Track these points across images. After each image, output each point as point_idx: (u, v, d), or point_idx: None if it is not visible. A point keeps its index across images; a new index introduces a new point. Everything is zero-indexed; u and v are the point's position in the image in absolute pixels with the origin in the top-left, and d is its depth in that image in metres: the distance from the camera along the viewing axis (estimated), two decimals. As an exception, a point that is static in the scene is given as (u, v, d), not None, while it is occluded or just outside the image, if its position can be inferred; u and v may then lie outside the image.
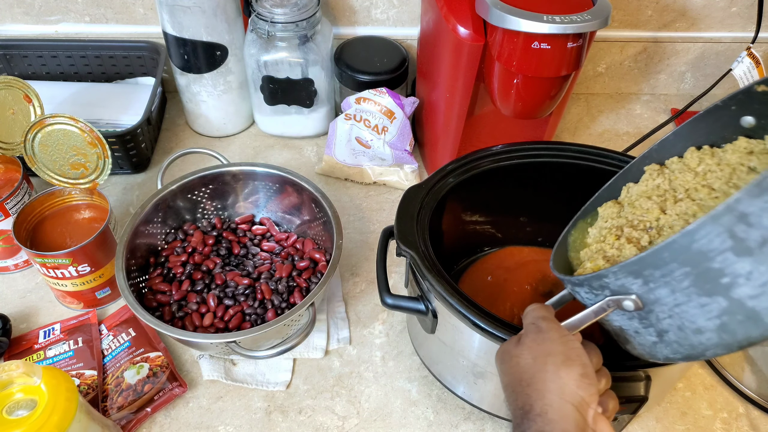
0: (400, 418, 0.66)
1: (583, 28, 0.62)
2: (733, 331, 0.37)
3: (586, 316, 0.44)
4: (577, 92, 1.08)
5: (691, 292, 0.37)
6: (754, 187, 0.34)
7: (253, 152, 0.95)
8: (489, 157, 0.66)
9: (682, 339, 0.40)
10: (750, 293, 0.36)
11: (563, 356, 0.43)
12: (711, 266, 0.36)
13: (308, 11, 0.83)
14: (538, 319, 0.46)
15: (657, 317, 0.40)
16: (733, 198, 0.34)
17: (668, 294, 0.38)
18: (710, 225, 0.35)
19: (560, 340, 0.44)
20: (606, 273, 0.40)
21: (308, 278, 0.71)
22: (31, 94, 0.74)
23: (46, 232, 0.72)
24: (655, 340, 0.42)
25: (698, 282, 0.37)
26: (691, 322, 0.38)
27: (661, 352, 0.42)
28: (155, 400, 0.64)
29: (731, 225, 0.34)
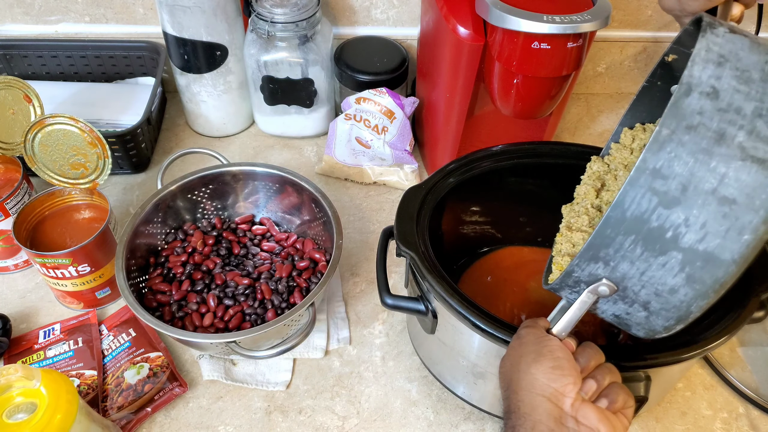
0: (400, 418, 0.66)
1: (583, 28, 0.62)
2: (701, 279, 0.38)
3: (572, 314, 0.45)
4: (577, 92, 1.08)
5: (648, 257, 0.39)
6: (653, 144, 0.36)
7: (253, 152, 0.95)
8: (489, 157, 0.66)
9: (664, 303, 0.41)
10: (696, 238, 0.37)
11: (534, 354, 0.44)
12: (651, 226, 0.38)
13: (308, 11, 0.83)
14: (520, 329, 0.48)
15: (633, 291, 0.41)
16: (639, 159, 0.37)
17: (629, 266, 0.40)
18: (632, 190, 0.37)
19: (534, 341, 0.45)
20: (571, 268, 0.42)
21: (308, 278, 0.71)
22: (31, 94, 0.74)
23: (46, 232, 0.72)
24: (645, 314, 0.43)
25: (648, 245, 0.38)
26: (662, 285, 0.40)
27: (657, 323, 0.43)
28: (155, 400, 0.64)
29: (650, 183, 0.37)
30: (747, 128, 0.36)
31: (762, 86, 0.37)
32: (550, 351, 0.44)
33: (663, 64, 0.52)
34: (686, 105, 0.37)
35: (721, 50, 0.38)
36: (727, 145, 0.36)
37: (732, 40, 0.39)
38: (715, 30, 0.40)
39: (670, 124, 0.36)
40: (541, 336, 0.46)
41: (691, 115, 0.36)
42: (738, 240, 0.37)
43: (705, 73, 0.37)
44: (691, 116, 0.36)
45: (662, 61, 0.52)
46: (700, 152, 0.36)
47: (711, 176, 0.36)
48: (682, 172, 0.36)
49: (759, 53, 0.39)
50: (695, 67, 0.37)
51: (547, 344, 0.44)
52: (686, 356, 0.49)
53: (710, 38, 0.39)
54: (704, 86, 0.37)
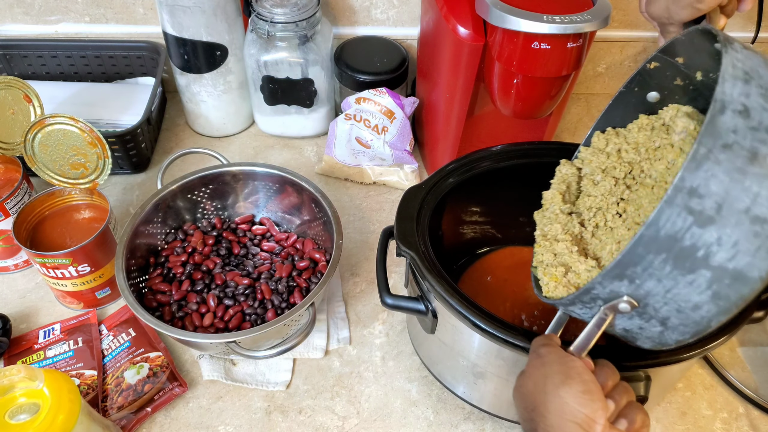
0: (400, 418, 0.66)
1: (583, 28, 0.62)
2: (726, 296, 0.38)
3: (590, 332, 0.44)
4: (577, 92, 1.08)
5: (676, 275, 0.38)
6: (691, 162, 0.36)
7: (253, 152, 0.95)
8: (489, 157, 0.66)
9: (684, 319, 0.40)
10: (726, 256, 0.37)
11: (562, 375, 0.43)
12: (683, 245, 0.37)
13: (308, 11, 0.83)
14: (538, 347, 0.46)
15: (654, 308, 0.41)
16: (677, 178, 0.36)
17: (656, 284, 0.39)
18: (668, 209, 0.36)
19: (558, 361, 0.44)
20: (592, 285, 0.41)
21: (308, 278, 0.71)
22: (31, 94, 0.74)
23: (46, 232, 0.72)
24: (660, 329, 0.42)
25: (678, 263, 0.38)
26: (686, 302, 0.39)
27: (670, 337, 0.43)
28: (155, 400, 0.64)
29: (685, 202, 0.36)
30: None
31: None
32: (579, 374, 0.42)
33: (643, 71, 0.52)
34: (722, 123, 0.36)
35: (744, 66, 0.38)
36: (760, 164, 0.36)
37: (749, 56, 0.39)
38: (734, 45, 0.39)
39: (707, 143, 0.36)
40: (564, 356, 0.44)
41: (726, 134, 0.36)
42: (767, 258, 0.37)
43: (735, 90, 0.37)
44: (726, 135, 0.36)
45: (643, 68, 0.51)
46: (735, 171, 0.36)
47: (745, 195, 0.36)
48: (718, 191, 0.36)
49: None
50: (726, 84, 0.37)
51: (574, 366, 0.43)
52: (686, 356, 0.49)
53: (733, 54, 0.38)
54: (736, 104, 0.36)
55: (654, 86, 0.52)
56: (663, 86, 0.51)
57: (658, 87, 0.52)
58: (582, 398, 0.41)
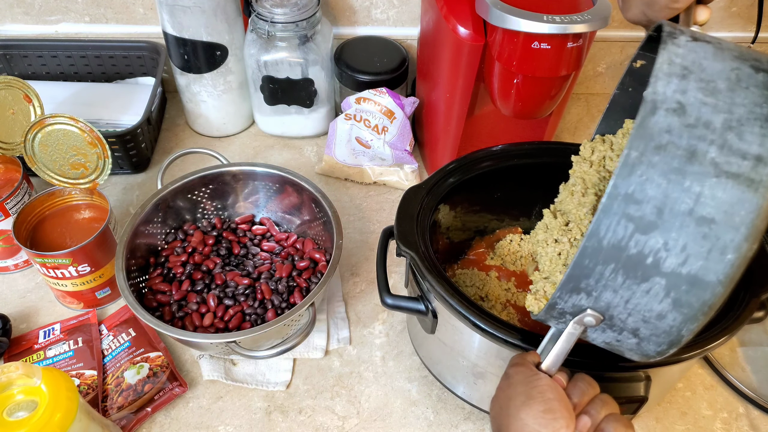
0: (400, 418, 0.66)
1: (583, 28, 0.62)
2: (688, 303, 0.37)
3: (560, 348, 0.43)
4: (577, 92, 1.08)
5: (630, 284, 0.37)
6: (623, 168, 0.35)
7: (253, 152, 0.95)
8: (489, 157, 0.66)
9: (654, 330, 0.39)
10: (677, 261, 0.35)
11: (524, 396, 0.42)
12: (630, 253, 0.36)
13: (308, 11, 0.83)
14: (508, 368, 0.46)
15: (620, 320, 0.40)
16: (610, 185, 0.35)
17: (613, 295, 0.38)
18: (606, 218, 0.35)
19: (523, 381, 0.43)
20: (553, 300, 0.40)
21: (308, 278, 0.71)
22: (31, 94, 0.74)
23: (46, 232, 0.72)
24: (635, 341, 0.41)
25: (629, 273, 0.37)
26: (649, 312, 0.38)
27: (649, 348, 0.42)
28: (155, 400, 0.64)
29: (623, 209, 0.35)
30: (718, 143, 0.34)
31: (729, 96, 0.35)
32: (540, 392, 0.42)
33: (631, 71, 0.51)
34: (653, 124, 0.35)
35: (684, 61, 0.36)
36: (699, 162, 0.34)
37: (694, 49, 0.37)
38: (676, 40, 0.38)
39: (638, 146, 0.35)
40: (530, 375, 0.43)
41: (659, 135, 0.35)
42: (722, 260, 0.35)
43: (669, 88, 0.35)
44: (659, 135, 0.35)
45: (630, 68, 0.50)
46: (672, 172, 0.34)
47: (686, 196, 0.34)
48: (656, 194, 0.35)
49: (723, 60, 0.37)
50: (659, 83, 0.35)
51: (537, 384, 0.42)
52: (686, 356, 0.49)
53: (671, 49, 0.37)
54: (670, 102, 0.35)
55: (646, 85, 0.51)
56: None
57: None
58: (542, 418, 0.40)
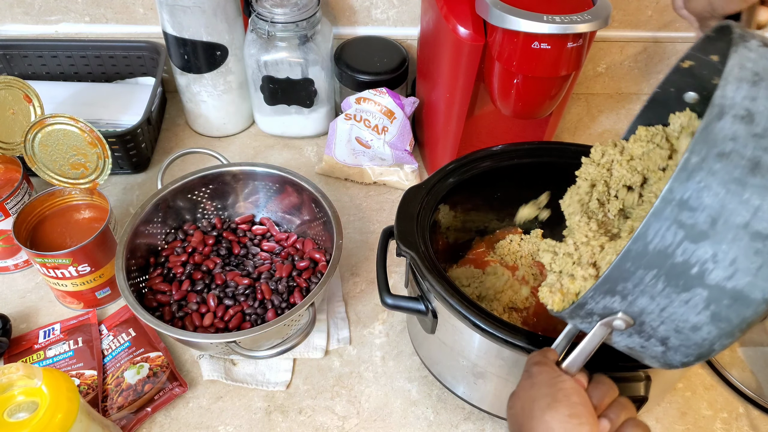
0: (400, 418, 0.66)
1: (583, 28, 0.62)
2: (727, 318, 0.36)
3: (584, 348, 0.43)
4: (577, 92, 1.08)
5: (670, 293, 0.36)
6: (681, 172, 0.33)
7: (253, 152, 0.95)
8: (489, 157, 0.66)
9: (684, 341, 0.38)
10: (724, 275, 0.34)
11: (549, 398, 0.41)
12: (675, 261, 0.35)
13: (308, 11, 0.83)
14: (530, 365, 0.45)
15: (651, 327, 0.39)
16: (665, 189, 0.33)
17: (649, 302, 0.37)
18: (656, 222, 0.34)
19: (548, 382, 0.42)
20: (584, 299, 0.39)
21: (308, 278, 0.71)
22: (31, 94, 0.74)
23: (46, 232, 0.72)
24: (662, 349, 0.40)
25: (671, 281, 0.36)
26: (684, 322, 0.37)
27: (674, 359, 0.41)
28: (155, 400, 0.64)
29: (676, 215, 0.34)
30: None
31: None
32: (566, 396, 0.41)
33: (678, 70, 0.49)
34: (718, 130, 0.33)
35: (756, 67, 0.35)
36: (762, 174, 0.33)
37: (765, 54, 0.36)
38: (748, 43, 0.36)
39: (699, 151, 0.33)
40: (554, 376, 0.42)
41: (723, 141, 0.33)
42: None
43: (739, 93, 0.34)
44: (723, 142, 0.33)
45: (677, 67, 0.49)
46: (732, 182, 0.33)
47: (743, 209, 0.33)
48: (712, 203, 0.33)
49: None
50: (728, 87, 0.34)
51: (562, 387, 0.41)
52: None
53: (743, 53, 0.35)
54: (738, 108, 0.34)
55: (691, 86, 0.49)
56: (701, 86, 0.49)
57: (696, 87, 0.49)
58: (568, 423, 0.40)
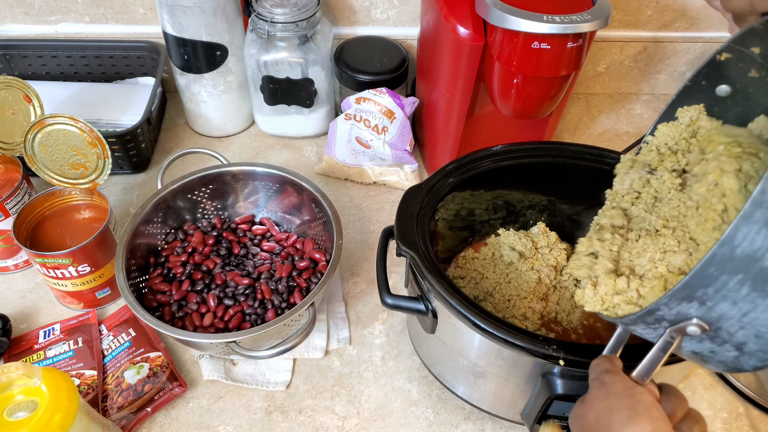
0: (400, 418, 0.66)
1: (583, 28, 0.62)
2: None
3: (655, 356, 0.41)
4: (577, 92, 1.08)
5: (754, 297, 0.35)
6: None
7: (253, 152, 0.95)
8: (489, 157, 0.66)
9: (765, 345, 0.37)
10: None
11: (629, 411, 0.39)
12: (764, 265, 0.33)
13: (308, 11, 0.83)
14: (601, 373, 0.43)
15: (728, 332, 0.37)
16: (756, 191, 0.32)
17: (731, 307, 0.36)
18: (745, 226, 0.33)
19: (625, 393, 0.40)
20: (657, 305, 0.38)
21: (308, 278, 0.71)
22: (31, 94, 0.74)
23: (46, 232, 0.72)
24: (735, 354, 0.39)
25: (757, 285, 0.34)
26: (766, 327, 0.36)
27: (747, 363, 0.39)
28: (155, 400, 0.64)
29: (767, 218, 0.32)
30: None
31: None
32: (647, 409, 0.39)
33: (712, 63, 0.48)
34: None
35: None
36: None
37: None
38: None
39: None
40: (629, 387, 0.41)
41: None
42: None
43: None
44: None
45: (712, 59, 0.48)
46: None
47: None
48: None
49: None
50: None
51: (641, 400, 0.40)
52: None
53: None
54: None
55: (724, 79, 0.48)
56: (735, 79, 0.48)
57: (730, 80, 0.48)
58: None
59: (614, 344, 0.46)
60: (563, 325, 0.65)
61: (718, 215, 0.41)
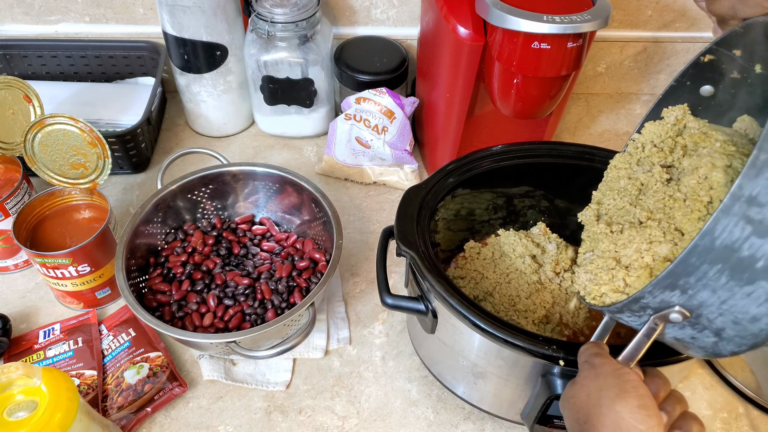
0: (400, 418, 0.66)
1: (583, 28, 0.62)
2: None
3: (639, 342, 0.43)
4: (577, 92, 1.08)
5: (732, 286, 0.36)
6: (750, 169, 0.34)
7: (253, 152, 0.95)
8: (489, 157, 0.66)
9: (741, 331, 0.39)
10: None
11: (617, 389, 0.41)
12: (741, 256, 0.35)
13: (308, 11, 0.83)
14: (591, 356, 0.45)
15: (708, 319, 0.39)
16: (735, 185, 0.34)
17: (710, 295, 0.37)
18: (724, 218, 0.35)
19: (613, 373, 0.43)
20: (641, 294, 0.39)
21: (308, 278, 0.71)
22: (31, 94, 0.74)
23: (46, 232, 0.72)
24: (714, 340, 0.40)
25: (735, 274, 0.36)
26: (743, 314, 0.38)
27: (725, 348, 0.41)
28: (155, 400, 0.64)
29: (744, 211, 0.34)
30: None
31: None
32: (634, 387, 0.41)
33: (696, 64, 0.50)
34: None
35: None
36: None
37: None
38: None
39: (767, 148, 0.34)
40: (618, 368, 0.43)
41: None
42: None
43: None
44: None
45: (696, 61, 0.50)
46: None
47: None
48: None
49: None
50: None
51: (629, 379, 0.42)
52: (686, 356, 0.49)
53: None
54: None
55: (708, 80, 0.50)
56: (717, 80, 0.50)
57: (713, 80, 0.50)
58: (638, 413, 0.40)
59: (601, 332, 0.47)
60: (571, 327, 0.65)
61: (704, 206, 0.42)
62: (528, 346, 0.49)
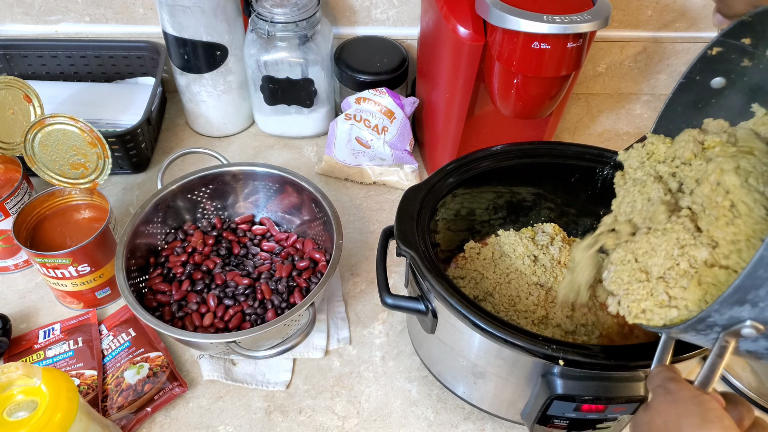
0: (400, 418, 0.66)
1: (583, 28, 0.62)
2: None
3: (713, 363, 0.40)
4: (577, 92, 1.08)
5: None
6: None
7: (253, 152, 0.95)
8: (489, 157, 0.66)
9: None
10: None
11: (699, 417, 0.38)
12: None
13: (308, 11, 0.83)
14: (665, 380, 0.42)
15: None
16: None
17: None
18: None
19: (693, 400, 0.40)
20: (708, 313, 0.38)
21: (308, 278, 0.71)
22: (31, 94, 0.74)
23: (46, 232, 0.72)
24: None
25: None
26: None
27: None
28: (155, 400, 0.64)
29: None
30: None
31: None
32: (719, 417, 0.38)
33: (703, 58, 0.50)
34: None
35: None
36: None
37: None
38: None
39: None
40: (697, 394, 0.40)
41: None
42: None
43: None
44: None
45: (704, 55, 0.50)
46: None
47: None
48: None
49: None
50: None
51: (711, 407, 0.39)
52: (686, 356, 0.49)
53: None
54: None
55: (718, 71, 0.50)
56: (728, 70, 0.49)
57: (723, 72, 0.50)
58: None
59: (662, 352, 0.45)
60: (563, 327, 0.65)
61: (728, 210, 0.41)
62: (528, 346, 0.49)
